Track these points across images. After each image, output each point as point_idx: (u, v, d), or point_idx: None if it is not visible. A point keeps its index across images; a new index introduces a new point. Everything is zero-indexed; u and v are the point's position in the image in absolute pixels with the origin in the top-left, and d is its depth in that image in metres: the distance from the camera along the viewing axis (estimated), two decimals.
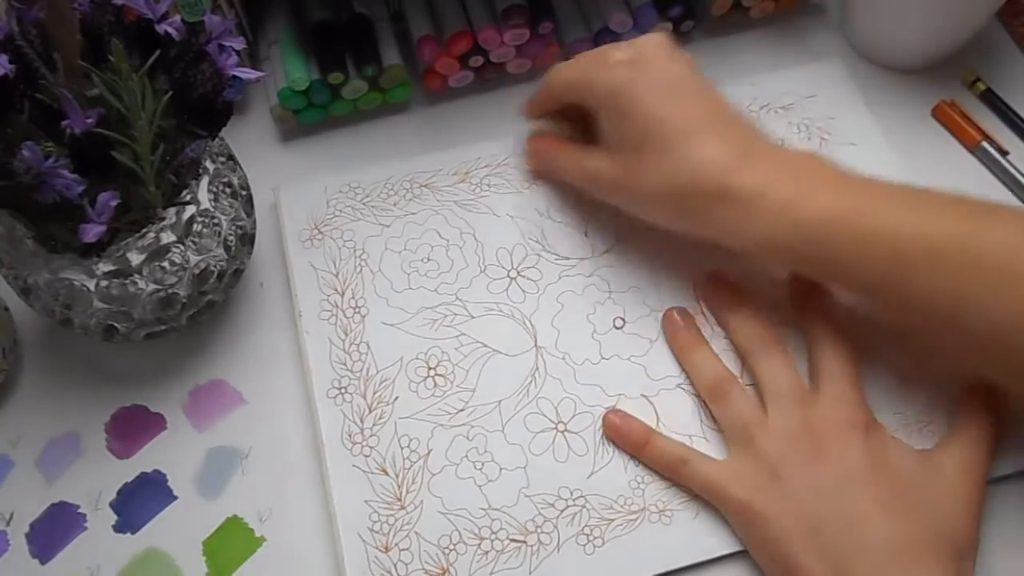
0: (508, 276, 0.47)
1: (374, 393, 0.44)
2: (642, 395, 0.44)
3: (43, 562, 0.42)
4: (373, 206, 0.50)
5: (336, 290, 0.47)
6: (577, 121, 0.47)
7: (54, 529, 0.43)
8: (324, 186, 0.50)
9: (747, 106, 0.52)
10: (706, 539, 0.40)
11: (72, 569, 0.42)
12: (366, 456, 0.43)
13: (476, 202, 0.49)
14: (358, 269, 0.48)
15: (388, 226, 0.49)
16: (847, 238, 0.38)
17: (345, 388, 0.44)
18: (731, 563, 0.40)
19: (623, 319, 0.46)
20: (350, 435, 0.43)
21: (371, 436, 0.43)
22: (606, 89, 0.43)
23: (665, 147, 0.41)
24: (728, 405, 0.42)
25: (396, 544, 0.41)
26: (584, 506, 0.41)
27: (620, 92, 0.42)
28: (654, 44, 0.43)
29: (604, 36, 0.53)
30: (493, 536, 0.41)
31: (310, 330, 0.46)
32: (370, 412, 0.44)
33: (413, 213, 0.49)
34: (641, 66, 0.42)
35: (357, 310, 0.46)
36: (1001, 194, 0.50)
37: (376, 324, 0.46)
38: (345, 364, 0.45)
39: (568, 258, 0.48)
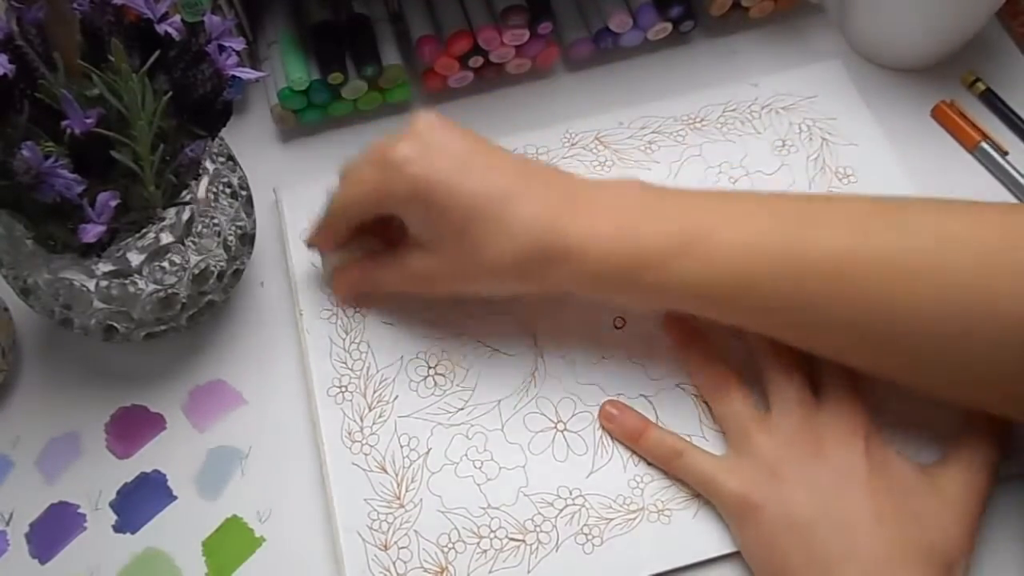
0: None
1: (374, 392, 0.44)
2: (641, 395, 0.44)
3: (43, 562, 0.42)
4: None
5: None
6: (370, 227, 0.44)
7: (54, 529, 0.43)
8: (325, 186, 0.50)
9: (748, 107, 0.52)
10: (705, 539, 0.40)
11: (72, 569, 0.42)
12: (366, 455, 0.43)
13: None
14: None
15: None
16: (681, 260, 0.38)
17: (345, 387, 0.44)
18: (730, 563, 0.40)
19: (623, 319, 0.46)
20: (350, 433, 0.43)
21: (371, 435, 0.43)
22: (406, 193, 0.40)
23: (487, 222, 0.39)
24: (728, 403, 0.42)
25: (395, 542, 0.41)
26: (583, 505, 0.41)
27: (421, 190, 0.39)
28: (429, 126, 0.40)
29: (604, 36, 0.54)
30: (492, 535, 0.41)
31: (311, 329, 0.46)
32: (370, 411, 0.44)
33: None
34: (430, 155, 0.39)
35: (357, 309, 0.46)
36: (1001, 194, 0.50)
37: (376, 323, 0.46)
38: (345, 363, 0.45)
39: None
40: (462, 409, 0.44)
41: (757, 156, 0.50)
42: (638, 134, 0.51)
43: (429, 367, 0.45)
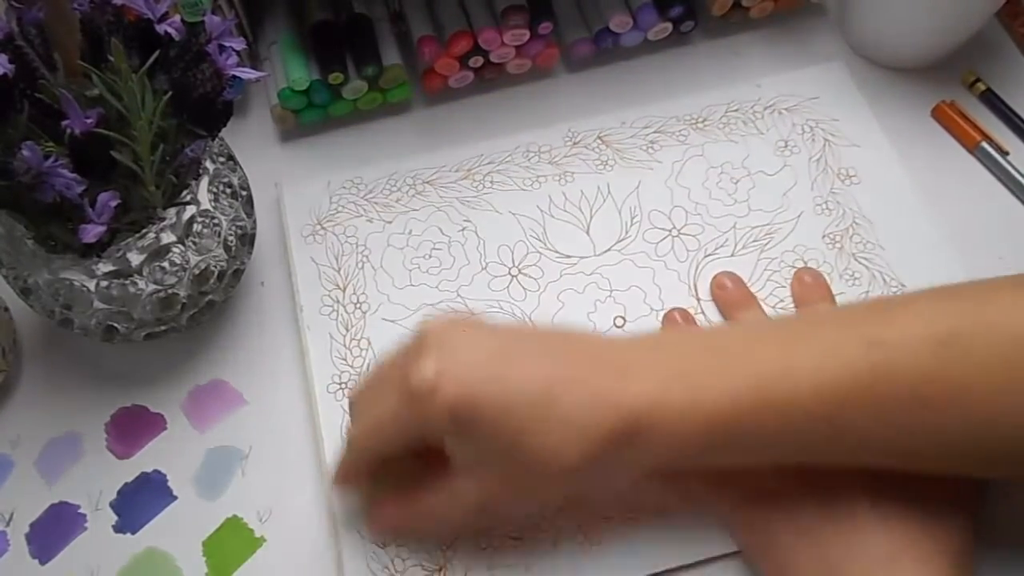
0: (509, 274, 0.47)
1: None
2: None
3: (43, 563, 0.42)
4: (376, 202, 0.50)
5: (338, 286, 0.47)
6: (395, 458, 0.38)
7: (54, 529, 0.43)
8: (327, 182, 0.50)
9: (751, 107, 0.52)
10: (704, 539, 0.40)
11: (72, 569, 0.42)
12: None
13: (478, 199, 0.50)
14: (360, 265, 0.48)
15: (390, 222, 0.49)
16: (758, 416, 0.34)
17: (345, 384, 0.44)
18: (728, 563, 0.40)
19: (623, 318, 0.46)
20: None
21: None
22: (443, 422, 0.34)
23: (542, 423, 0.33)
24: None
25: (394, 541, 0.41)
26: (583, 504, 0.41)
27: (461, 415, 0.33)
28: (442, 333, 0.35)
29: (604, 36, 0.53)
30: (491, 533, 0.41)
31: (311, 325, 0.46)
32: None
33: (415, 209, 0.49)
34: (458, 370, 0.33)
35: (358, 306, 0.47)
36: (1000, 194, 0.50)
37: (377, 320, 0.46)
38: (346, 359, 0.45)
39: (569, 256, 0.48)
40: None
41: (759, 157, 0.50)
42: (640, 133, 0.51)
43: None
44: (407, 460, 0.38)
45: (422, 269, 0.47)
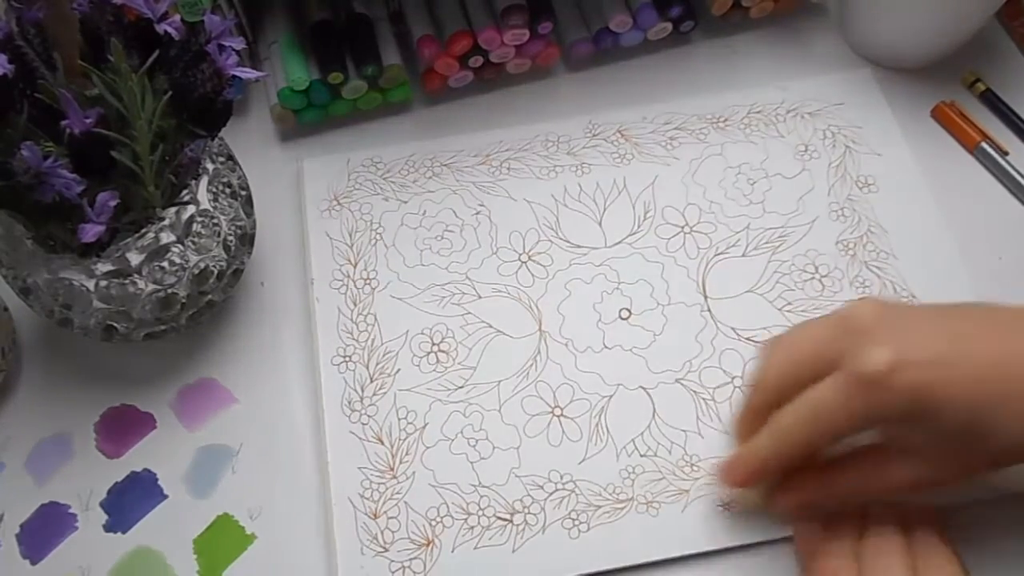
0: (519, 259, 0.48)
1: (377, 364, 0.45)
2: (640, 387, 0.44)
3: (34, 563, 0.42)
4: (393, 181, 0.50)
5: (349, 261, 0.48)
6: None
7: (45, 529, 0.43)
8: (347, 159, 0.51)
9: (774, 109, 0.52)
10: (691, 534, 0.41)
11: (63, 569, 0.42)
12: (363, 424, 0.43)
13: (495, 184, 0.50)
14: (372, 242, 0.48)
15: (406, 202, 0.50)
16: None
17: (349, 356, 0.45)
18: (714, 559, 0.40)
19: (629, 310, 0.46)
20: (350, 402, 0.44)
21: (370, 405, 0.44)
22: (903, 408, 0.33)
23: (995, 405, 0.33)
24: None
25: (385, 512, 0.41)
26: (573, 491, 0.42)
27: (921, 398, 0.33)
28: (877, 315, 0.35)
29: (604, 36, 0.54)
30: (480, 512, 0.41)
31: (320, 297, 0.47)
32: (371, 382, 0.44)
33: (431, 191, 0.50)
34: (907, 352, 0.33)
35: (368, 282, 0.47)
36: (1001, 195, 0.50)
37: (385, 297, 0.47)
38: (351, 333, 0.46)
39: (580, 246, 0.48)
40: (461, 387, 0.44)
41: (778, 159, 0.50)
42: (661, 129, 0.52)
43: (433, 343, 0.45)
44: None
45: (433, 250, 0.48)
